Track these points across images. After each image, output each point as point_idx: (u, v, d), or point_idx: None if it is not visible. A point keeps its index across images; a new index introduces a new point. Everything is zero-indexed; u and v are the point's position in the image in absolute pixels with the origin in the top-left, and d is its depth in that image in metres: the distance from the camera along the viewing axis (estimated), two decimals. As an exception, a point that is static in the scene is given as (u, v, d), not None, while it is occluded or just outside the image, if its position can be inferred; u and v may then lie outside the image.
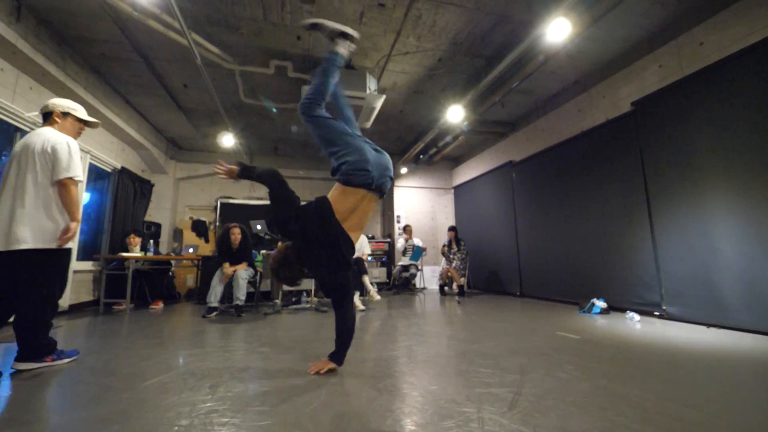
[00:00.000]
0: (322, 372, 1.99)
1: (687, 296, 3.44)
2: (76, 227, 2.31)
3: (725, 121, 3.21)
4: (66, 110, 2.42)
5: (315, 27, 2.20)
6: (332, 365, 2.03)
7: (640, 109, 4.00)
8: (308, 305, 5.04)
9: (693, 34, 3.50)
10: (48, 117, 2.39)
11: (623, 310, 3.96)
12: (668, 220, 3.66)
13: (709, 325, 3.20)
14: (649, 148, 3.88)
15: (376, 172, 2.02)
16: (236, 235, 4.58)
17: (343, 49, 2.17)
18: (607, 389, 1.73)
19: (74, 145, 2.32)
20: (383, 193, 2.11)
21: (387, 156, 2.14)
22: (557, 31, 3.29)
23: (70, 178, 2.25)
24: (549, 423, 1.37)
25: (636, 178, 4.00)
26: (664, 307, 3.64)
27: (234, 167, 2.12)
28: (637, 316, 3.66)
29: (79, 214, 2.36)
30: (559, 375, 1.94)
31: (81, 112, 2.49)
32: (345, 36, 2.17)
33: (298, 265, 2.07)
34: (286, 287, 4.91)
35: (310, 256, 2.02)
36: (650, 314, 3.76)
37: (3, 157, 3.82)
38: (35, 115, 3.72)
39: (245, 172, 2.09)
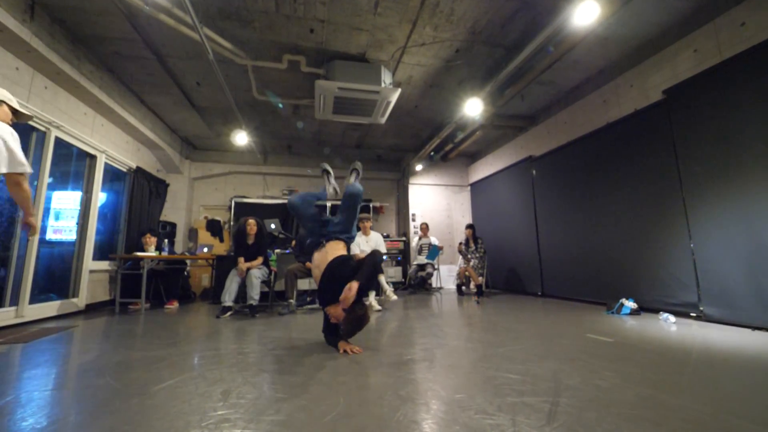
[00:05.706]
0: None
1: (728, 296, 3.20)
2: None
3: (770, 107, 2.96)
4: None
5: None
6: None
7: (672, 97, 3.76)
8: (323, 305, 4.94)
9: (733, 14, 3.25)
10: None
11: (655, 311, 3.73)
12: (706, 216, 3.41)
13: (754, 328, 2.96)
14: (682, 139, 3.64)
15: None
16: (252, 226, 4.51)
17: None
18: (654, 399, 1.56)
19: None
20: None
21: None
22: (584, 15, 3.11)
23: None
24: (596, 440, 1.22)
25: (668, 170, 3.76)
26: (701, 308, 3.40)
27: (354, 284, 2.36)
28: (672, 318, 3.43)
29: None
30: (598, 383, 1.77)
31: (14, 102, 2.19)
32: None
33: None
34: (300, 287, 4.82)
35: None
36: (686, 315, 3.53)
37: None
38: None
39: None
